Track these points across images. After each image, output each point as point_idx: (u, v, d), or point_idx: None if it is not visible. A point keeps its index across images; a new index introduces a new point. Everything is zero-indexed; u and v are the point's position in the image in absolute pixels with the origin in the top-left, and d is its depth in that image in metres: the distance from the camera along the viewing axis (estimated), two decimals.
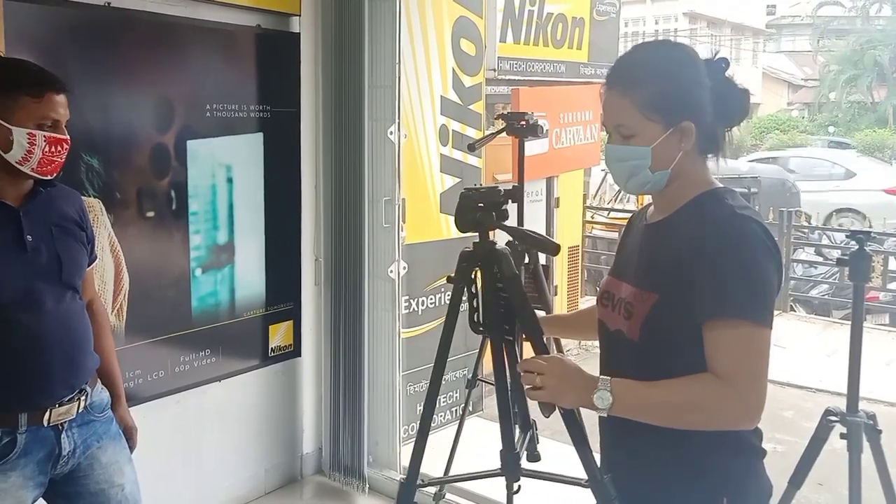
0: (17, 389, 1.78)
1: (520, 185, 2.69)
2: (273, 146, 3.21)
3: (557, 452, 2.26)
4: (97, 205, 2.64)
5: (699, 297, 1.30)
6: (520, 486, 1.55)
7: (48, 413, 1.80)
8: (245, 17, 3.10)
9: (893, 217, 10.47)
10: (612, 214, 8.89)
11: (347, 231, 3.32)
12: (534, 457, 1.47)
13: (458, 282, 1.47)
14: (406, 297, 3.64)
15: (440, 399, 3.74)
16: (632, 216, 1.63)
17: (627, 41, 14.11)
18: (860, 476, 2.21)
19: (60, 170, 1.83)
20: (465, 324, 1.68)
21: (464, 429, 2.98)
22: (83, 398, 1.88)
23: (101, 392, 1.97)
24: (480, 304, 1.49)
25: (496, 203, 1.46)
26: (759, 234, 1.30)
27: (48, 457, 1.83)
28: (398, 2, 3.21)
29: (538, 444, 1.46)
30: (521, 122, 2.54)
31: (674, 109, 1.35)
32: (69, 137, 1.82)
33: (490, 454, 1.71)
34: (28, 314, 1.77)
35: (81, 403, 1.87)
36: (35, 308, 1.78)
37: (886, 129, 22.48)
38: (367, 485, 3.34)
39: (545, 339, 1.55)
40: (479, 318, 1.49)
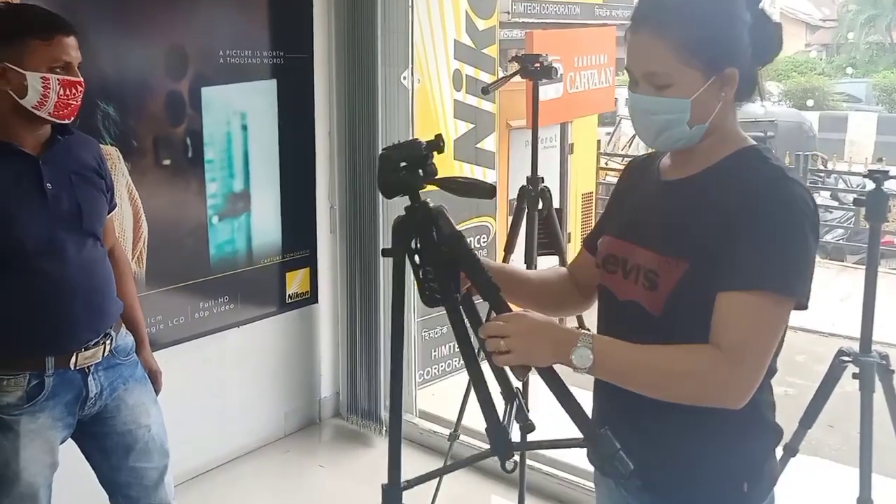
0: (44, 334, 1.82)
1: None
2: (287, 93, 3.19)
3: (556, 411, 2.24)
4: (114, 153, 2.65)
5: (728, 263, 1.15)
6: (516, 463, 1.36)
7: (74, 357, 1.85)
8: None
9: None
10: (626, 161, 8.83)
11: (362, 178, 3.32)
12: (527, 427, 1.29)
13: (396, 254, 1.28)
14: None
15: (452, 345, 3.78)
16: (630, 166, 1.45)
17: None
18: (871, 416, 2.23)
19: (77, 113, 1.83)
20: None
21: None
22: (108, 342, 1.92)
23: (126, 336, 2.01)
24: (428, 275, 1.29)
25: (420, 158, 1.26)
26: (808, 203, 1.17)
27: (76, 399, 1.88)
28: None
29: (529, 413, 1.27)
30: (536, 65, 2.50)
31: (717, 54, 1.18)
32: (83, 80, 1.81)
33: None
34: (51, 262, 1.80)
35: (107, 347, 1.91)
36: (58, 256, 1.81)
37: None
38: (384, 427, 3.41)
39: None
40: (429, 290, 1.29)
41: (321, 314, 3.53)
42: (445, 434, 2.97)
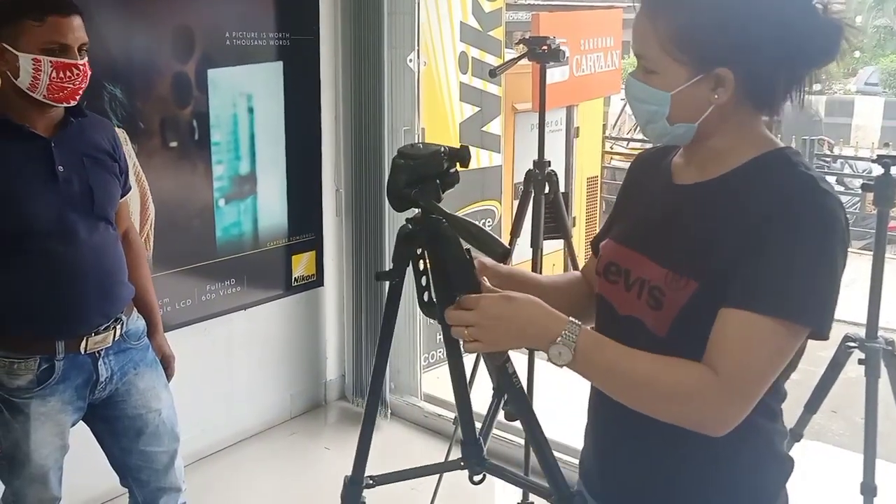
0: (54, 318, 1.82)
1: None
2: (293, 75, 3.18)
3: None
4: (122, 134, 2.64)
5: (743, 279, 1.02)
6: (484, 476, 1.33)
7: (85, 341, 1.85)
8: None
9: None
10: (632, 145, 8.80)
11: (368, 161, 3.31)
12: (511, 416, 1.25)
13: (392, 278, 1.20)
14: None
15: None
16: (641, 158, 1.30)
17: None
18: (877, 401, 2.23)
19: (78, 96, 1.79)
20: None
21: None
22: (119, 327, 1.92)
23: (137, 321, 2.01)
24: (431, 284, 1.20)
25: (438, 171, 1.15)
26: (840, 219, 1.02)
27: (86, 383, 1.89)
28: None
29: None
30: (543, 48, 2.48)
31: (707, 50, 1.04)
32: (84, 62, 1.77)
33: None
34: (61, 244, 1.79)
35: (117, 332, 1.91)
36: (68, 238, 1.80)
37: None
38: (389, 410, 3.43)
39: None
40: (428, 301, 1.21)
41: (327, 297, 3.53)
42: (450, 417, 2.99)
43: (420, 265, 1.20)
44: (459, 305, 1.11)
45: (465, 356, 1.27)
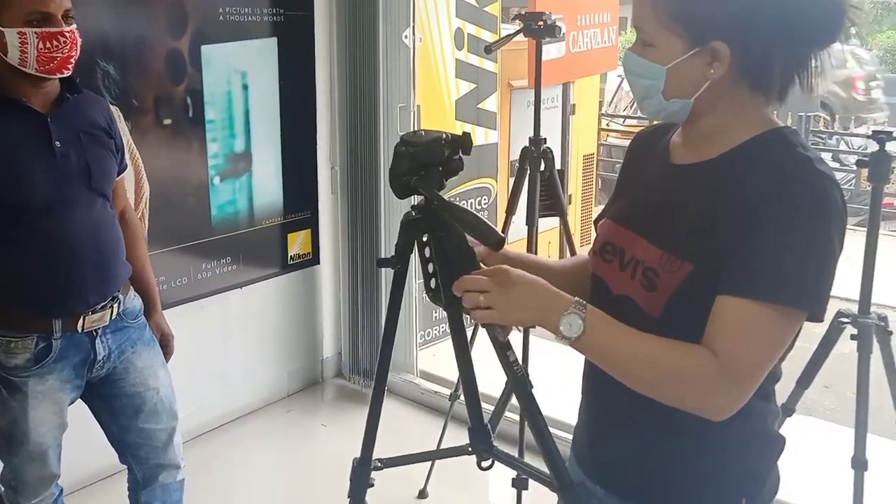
0: (51, 295, 1.82)
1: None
2: (287, 51, 3.16)
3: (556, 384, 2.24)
4: (115, 112, 2.62)
5: (739, 265, 1.02)
6: (493, 463, 1.34)
7: (82, 320, 1.85)
8: None
9: None
10: (629, 122, 8.76)
11: (363, 139, 3.30)
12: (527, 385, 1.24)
13: (394, 265, 1.21)
14: None
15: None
16: (640, 137, 1.30)
17: None
18: (868, 376, 2.25)
19: (70, 65, 1.77)
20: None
21: (478, 336, 3.03)
22: (116, 305, 1.92)
23: (134, 299, 2.02)
24: (438, 271, 1.21)
25: (439, 159, 1.15)
26: (837, 202, 1.02)
27: (83, 361, 1.89)
28: None
29: (528, 376, 1.23)
30: (539, 23, 2.46)
31: (704, 23, 1.03)
32: (71, 29, 1.75)
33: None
34: (59, 221, 1.79)
35: (114, 310, 1.92)
36: (66, 214, 1.80)
37: None
38: (385, 387, 3.44)
39: None
40: (434, 288, 1.22)
41: (323, 275, 3.54)
42: (446, 394, 3.01)
43: (426, 252, 1.21)
44: (477, 272, 1.13)
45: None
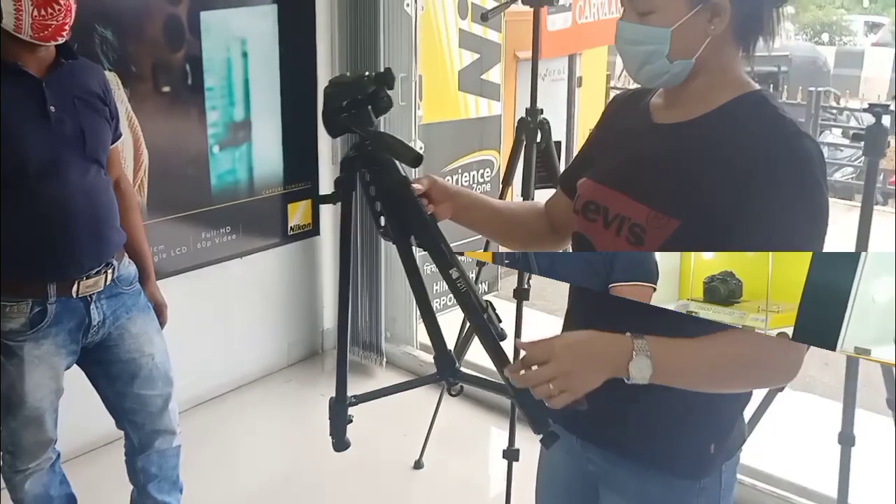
0: (45, 260, 1.83)
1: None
2: (287, 18, 3.12)
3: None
4: (114, 78, 2.61)
5: (743, 229, 1.05)
6: (461, 388, 1.38)
7: (76, 285, 1.86)
8: None
9: None
10: None
11: None
12: (500, 335, 1.24)
13: (334, 200, 1.24)
14: None
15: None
16: (617, 100, 1.33)
17: None
18: None
19: (65, 32, 1.77)
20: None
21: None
22: (110, 271, 1.92)
23: (129, 266, 2.02)
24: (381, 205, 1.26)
25: (367, 95, 1.20)
26: (822, 160, 1.07)
27: (79, 326, 1.90)
28: None
29: (501, 323, 1.22)
30: None
31: None
32: None
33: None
34: (53, 185, 1.79)
35: (109, 276, 1.92)
36: (60, 179, 1.80)
37: None
38: (385, 359, 3.46)
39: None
40: (384, 225, 1.27)
41: (323, 246, 3.53)
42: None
43: (371, 191, 1.25)
44: (526, 363, 1.07)
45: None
